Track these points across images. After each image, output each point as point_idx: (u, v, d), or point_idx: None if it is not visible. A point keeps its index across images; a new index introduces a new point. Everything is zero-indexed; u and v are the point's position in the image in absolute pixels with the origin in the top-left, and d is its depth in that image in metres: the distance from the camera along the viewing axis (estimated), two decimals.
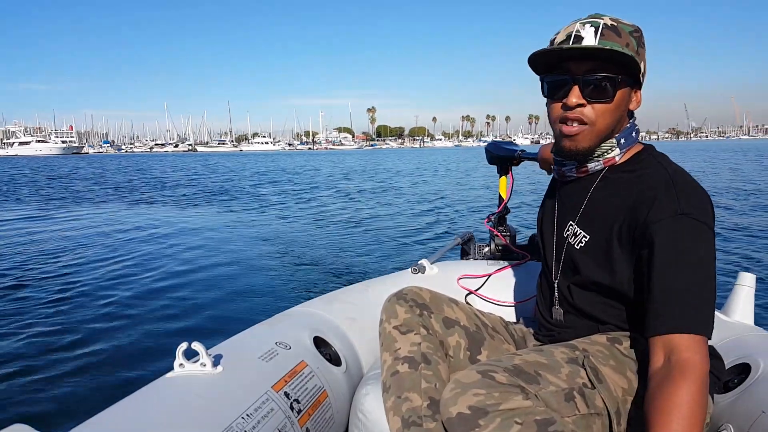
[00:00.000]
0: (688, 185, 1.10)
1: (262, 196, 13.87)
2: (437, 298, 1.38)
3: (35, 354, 3.23)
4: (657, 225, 1.05)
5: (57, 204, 12.43)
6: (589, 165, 1.22)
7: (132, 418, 1.02)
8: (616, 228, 1.14)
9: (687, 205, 1.05)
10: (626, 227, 1.12)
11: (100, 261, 5.82)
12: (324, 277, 5.01)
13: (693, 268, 1.01)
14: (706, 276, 1.02)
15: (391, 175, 21.72)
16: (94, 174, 26.40)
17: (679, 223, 1.04)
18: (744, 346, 1.37)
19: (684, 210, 1.05)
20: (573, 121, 1.15)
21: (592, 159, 1.21)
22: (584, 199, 1.23)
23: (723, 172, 18.16)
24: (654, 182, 1.11)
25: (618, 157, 1.20)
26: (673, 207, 1.05)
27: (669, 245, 1.03)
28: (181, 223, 8.71)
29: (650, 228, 1.06)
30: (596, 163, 1.21)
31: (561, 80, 1.15)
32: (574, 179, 1.27)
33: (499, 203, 2.31)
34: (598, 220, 1.19)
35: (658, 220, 1.05)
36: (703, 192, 1.10)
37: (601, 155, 1.20)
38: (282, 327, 1.50)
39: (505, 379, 1.01)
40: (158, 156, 76.75)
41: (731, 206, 9.04)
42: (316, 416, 1.28)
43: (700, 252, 1.03)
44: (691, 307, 1.00)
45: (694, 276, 1.01)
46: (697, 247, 1.03)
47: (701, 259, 1.02)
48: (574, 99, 1.13)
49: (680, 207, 1.05)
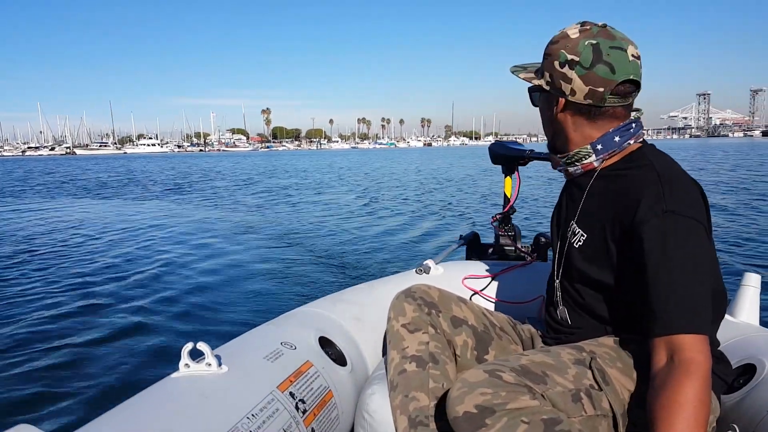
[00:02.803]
0: (676, 181, 1.09)
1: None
2: (446, 296, 1.38)
3: (41, 355, 3.23)
4: (646, 225, 1.05)
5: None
6: (570, 169, 1.26)
7: (138, 419, 1.02)
8: (608, 227, 1.15)
9: (673, 202, 1.05)
10: (617, 226, 1.13)
11: (105, 261, 5.84)
12: (328, 277, 5.01)
13: (685, 267, 1.01)
14: (700, 272, 1.02)
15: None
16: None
17: (667, 222, 1.04)
18: (750, 346, 1.36)
19: (670, 207, 1.04)
20: None
21: (572, 163, 1.24)
22: (582, 198, 1.24)
23: None
24: (641, 181, 1.11)
25: (597, 163, 1.21)
26: (660, 205, 1.05)
27: (659, 245, 1.03)
28: (185, 224, 8.73)
29: (639, 228, 1.06)
30: (576, 168, 1.24)
31: None
32: (578, 176, 1.27)
33: (505, 203, 2.31)
34: (594, 219, 1.20)
35: (646, 220, 1.05)
36: (692, 186, 1.10)
37: (579, 160, 1.22)
38: (287, 327, 1.49)
39: (513, 378, 1.01)
40: (31, 160, 68.52)
41: (735, 206, 9.00)
42: (322, 416, 1.28)
43: (690, 249, 1.02)
44: (687, 306, 0.99)
45: (687, 275, 1.01)
46: (687, 244, 1.02)
47: (693, 256, 1.02)
48: None
49: (666, 205, 1.05)
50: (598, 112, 1.17)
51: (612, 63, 1.12)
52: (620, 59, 1.12)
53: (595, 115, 1.18)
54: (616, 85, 1.13)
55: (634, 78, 1.14)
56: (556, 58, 1.17)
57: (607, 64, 1.12)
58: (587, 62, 1.13)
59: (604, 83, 1.13)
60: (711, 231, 1.11)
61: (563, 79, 1.17)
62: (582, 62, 1.13)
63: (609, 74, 1.13)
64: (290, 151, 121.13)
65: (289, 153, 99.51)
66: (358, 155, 64.58)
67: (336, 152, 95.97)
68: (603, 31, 1.15)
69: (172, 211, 10.80)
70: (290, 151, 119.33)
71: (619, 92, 1.15)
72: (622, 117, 1.18)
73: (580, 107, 1.18)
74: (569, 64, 1.15)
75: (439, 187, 15.25)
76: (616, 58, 1.12)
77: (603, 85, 1.13)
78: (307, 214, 9.92)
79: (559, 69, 1.17)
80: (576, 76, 1.15)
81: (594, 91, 1.14)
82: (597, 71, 1.13)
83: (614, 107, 1.16)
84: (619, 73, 1.12)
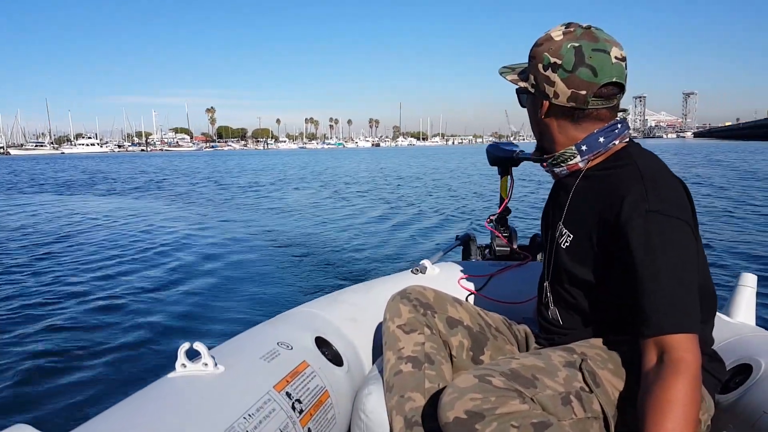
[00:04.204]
0: (659, 179, 1.10)
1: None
2: (441, 297, 1.38)
3: (37, 355, 3.22)
4: (629, 225, 1.06)
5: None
6: (556, 170, 1.26)
7: (134, 419, 1.02)
8: (594, 227, 1.15)
9: (656, 201, 1.05)
10: (602, 226, 1.13)
11: (98, 262, 5.82)
12: (325, 277, 5.01)
13: (670, 267, 1.01)
14: (686, 271, 1.02)
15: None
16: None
17: (650, 222, 1.04)
18: (745, 346, 1.37)
19: (653, 207, 1.05)
20: None
21: (558, 164, 1.25)
22: (568, 199, 1.25)
23: None
24: (624, 180, 1.12)
25: (582, 164, 1.22)
26: (643, 205, 1.05)
27: (643, 245, 1.03)
28: (182, 222, 8.71)
29: (623, 228, 1.07)
30: (561, 168, 1.25)
31: None
32: (563, 178, 1.28)
33: (500, 204, 2.31)
34: (580, 220, 1.21)
35: (630, 219, 1.06)
36: (675, 184, 1.11)
37: (564, 161, 1.23)
38: (283, 327, 1.50)
39: (502, 383, 1.01)
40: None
41: (730, 207, 9.03)
42: (318, 416, 1.28)
43: (675, 248, 1.03)
44: (674, 307, 1.00)
45: (672, 275, 1.01)
46: (672, 243, 1.03)
47: (677, 255, 1.02)
48: None
49: (650, 204, 1.05)
50: (582, 114, 1.18)
51: (594, 66, 1.13)
52: (603, 62, 1.13)
53: (579, 117, 1.18)
54: (599, 87, 1.14)
55: (618, 80, 1.14)
56: (540, 60, 1.18)
57: (590, 67, 1.13)
58: (569, 65, 1.14)
59: (586, 86, 1.14)
60: (697, 228, 1.11)
61: (546, 82, 1.18)
62: (564, 65, 1.14)
63: (591, 77, 1.13)
64: (236, 151, 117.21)
65: (236, 153, 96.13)
66: (308, 156, 62.72)
67: (285, 152, 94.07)
68: (587, 33, 1.15)
69: (159, 211, 10.77)
70: (236, 151, 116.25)
71: (602, 95, 1.15)
72: (607, 118, 1.19)
73: (564, 109, 1.18)
74: (552, 67, 1.16)
75: (435, 190, 15.25)
76: (599, 61, 1.13)
77: (585, 88, 1.14)
78: (302, 215, 9.91)
79: (543, 72, 1.18)
80: (558, 79, 1.15)
81: (577, 93, 1.15)
82: (579, 74, 1.13)
83: (598, 109, 1.17)
84: (602, 75, 1.13)
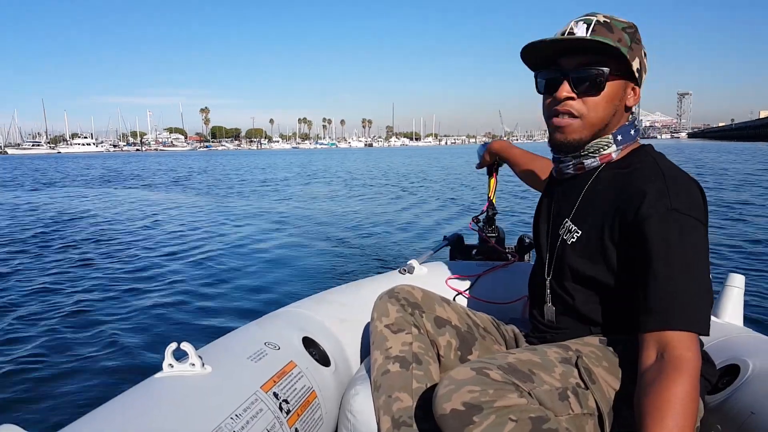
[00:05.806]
0: (680, 180, 1.11)
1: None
2: (429, 297, 1.38)
3: (23, 356, 3.19)
4: (648, 222, 1.06)
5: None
6: (585, 161, 1.24)
7: (121, 419, 1.02)
8: (607, 223, 1.16)
9: (677, 200, 1.06)
10: (617, 223, 1.13)
11: (90, 259, 5.77)
12: (312, 277, 5.00)
13: (686, 265, 1.02)
14: (700, 271, 1.03)
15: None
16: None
17: (670, 219, 1.05)
18: (733, 347, 1.38)
19: (674, 206, 1.06)
20: (563, 113, 1.19)
21: (588, 155, 1.23)
22: (579, 196, 1.25)
23: None
24: (646, 178, 1.12)
25: (615, 154, 1.22)
26: (664, 203, 1.06)
27: (661, 242, 1.04)
28: (170, 221, 8.65)
29: (641, 225, 1.07)
30: (592, 159, 1.23)
31: (552, 75, 1.20)
32: (570, 177, 1.28)
33: (486, 204, 2.32)
34: (591, 216, 1.20)
35: (649, 216, 1.06)
36: (695, 187, 1.12)
37: (597, 151, 1.22)
38: (271, 327, 1.49)
39: (500, 376, 1.01)
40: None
41: (723, 208, 9.12)
42: (305, 417, 1.28)
43: (692, 248, 1.04)
44: (684, 303, 1.01)
45: (687, 272, 1.02)
46: (689, 242, 1.04)
47: (694, 254, 1.03)
48: (564, 93, 1.17)
49: (671, 203, 1.06)
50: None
51: None
52: None
53: (627, 108, 1.23)
54: None
55: None
56: (641, 46, 1.21)
57: None
58: (635, 51, 1.19)
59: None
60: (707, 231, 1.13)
61: (645, 70, 1.22)
62: (634, 49, 1.18)
63: None
64: (230, 151, 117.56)
65: (229, 153, 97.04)
66: (304, 155, 62.94)
67: (279, 152, 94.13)
68: None
69: (153, 207, 10.69)
70: (230, 151, 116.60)
71: None
72: (629, 114, 1.24)
73: None
74: (632, 49, 1.18)
75: (425, 189, 15.26)
76: None
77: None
78: (291, 213, 9.88)
79: (643, 58, 1.22)
80: (638, 62, 1.20)
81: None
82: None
83: None
84: None
